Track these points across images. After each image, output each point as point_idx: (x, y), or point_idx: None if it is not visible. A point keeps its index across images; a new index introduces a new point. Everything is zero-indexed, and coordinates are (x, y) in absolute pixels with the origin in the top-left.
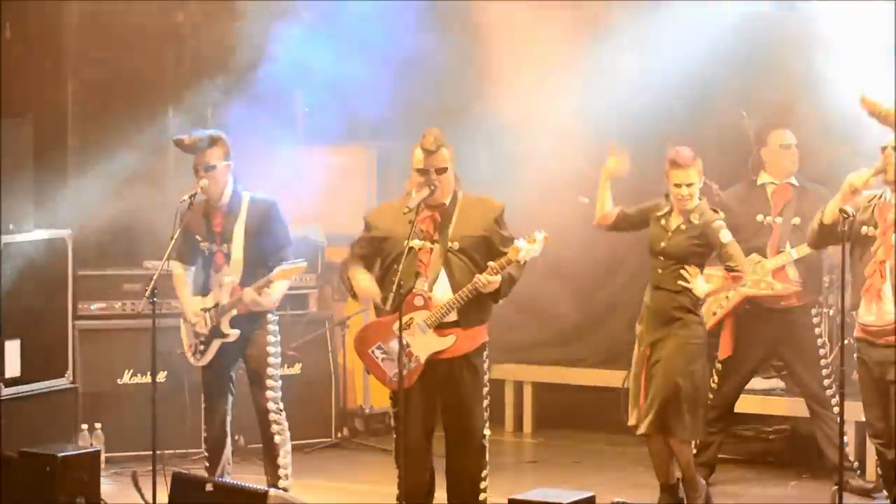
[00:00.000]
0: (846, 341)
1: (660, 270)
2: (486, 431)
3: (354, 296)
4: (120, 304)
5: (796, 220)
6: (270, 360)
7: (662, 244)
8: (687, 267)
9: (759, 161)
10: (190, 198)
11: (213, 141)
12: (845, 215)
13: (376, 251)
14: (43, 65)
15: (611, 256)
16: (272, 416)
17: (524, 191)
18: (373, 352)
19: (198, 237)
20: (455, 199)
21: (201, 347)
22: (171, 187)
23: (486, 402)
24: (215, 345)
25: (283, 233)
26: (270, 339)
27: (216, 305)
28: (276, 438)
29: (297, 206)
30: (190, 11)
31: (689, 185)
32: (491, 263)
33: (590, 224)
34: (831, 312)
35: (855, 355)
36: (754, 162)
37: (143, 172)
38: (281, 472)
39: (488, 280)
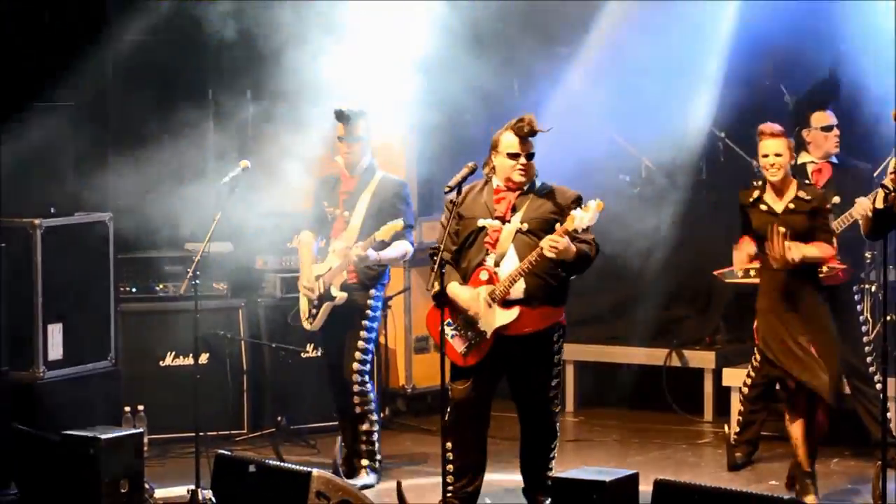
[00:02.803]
0: (888, 318)
1: None
2: (556, 409)
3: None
4: (162, 286)
5: (836, 199)
6: (363, 333)
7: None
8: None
9: (801, 141)
10: (231, 179)
11: (361, 115)
12: (887, 190)
13: (460, 228)
14: (83, 49)
15: (651, 234)
16: (355, 388)
17: (562, 170)
18: (445, 327)
19: (325, 203)
20: (533, 186)
21: (314, 311)
22: (212, 169)
23: (555, 382)
24: (326, 308)
25: (405, 213)
26: (367, 311)
27: (329, 270)
28: (359, 409)
29: None
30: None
31: (777, 156)
32: (556, 229)
33: (629, 201)
34: (873, 289)
35: None
36: (795, 141)
37: (183, 155)
38: (366, 443)
39: (550, 243)
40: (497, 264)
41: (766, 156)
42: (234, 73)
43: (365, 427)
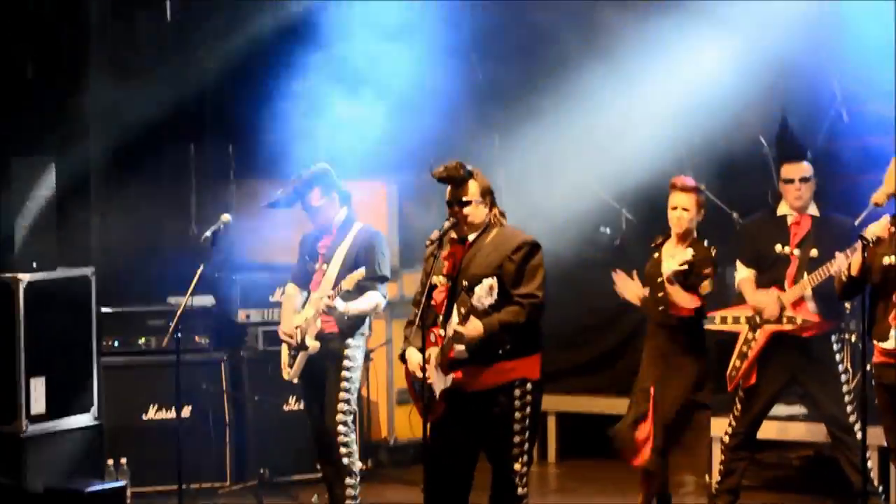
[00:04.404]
0: (868, 367)
1: None
2: (517, 467)
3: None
4: (144, 339)
5: (814, 253)
6: (343, 383)
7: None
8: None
9: (778, 191)
10: (213, 233)
11: (321, 175)
12: (865, 241)
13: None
14: (65, 103)
15: None
16: (341, 438)
17: (545, 222)
18: (413, 384)
19: (307, 257)
20: (484, 235)
21: (291, 362)
22: (195, 222)
23: (517, 439)
24: (301, 358)
25: (378, 263)
26: (346, 361)
27: (305, 320)
28: (345, 461)
29: None
30: (208, 51)
31: (684, 210)
32: (462, 309)
33: (610, 254)
34: (853, 339)
35: (873, 381)
36: (775, 192)
37: (165, 209)
38: (348, 497)
39: (455, 330)
40: (443, 325)
41: (674, 208)
42: (217, 127)
43: (350, 480)
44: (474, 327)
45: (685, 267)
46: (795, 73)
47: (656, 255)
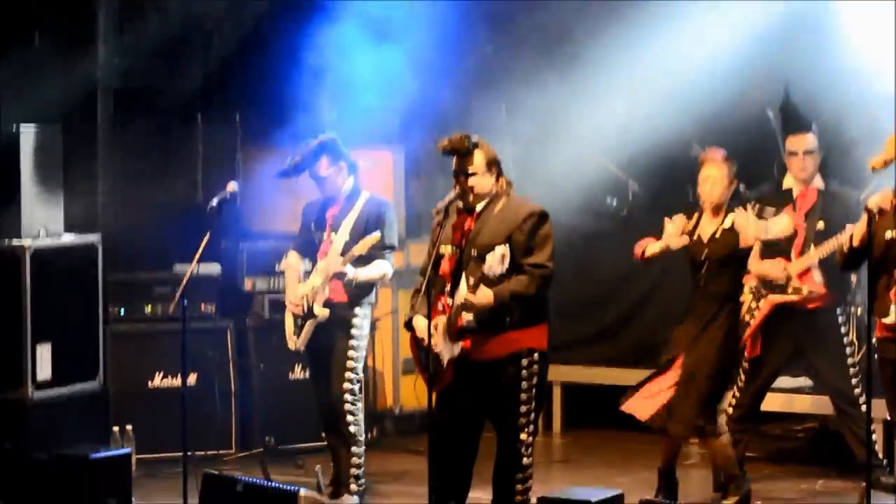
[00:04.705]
0: (873, 340)
1: None
2: (523, 437)
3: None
4: (150, 307)
5: (820, 225)
6: (350, 352)
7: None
8: None
9: (784, 164)
10: (219, 201)
11: (329, 145)
12: (870, 214)
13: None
14: (72, 71)
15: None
16: (347, 407)
17: (551, 193)
18: (418, 352)
19: (312, 226)
20: (492, 204)
21: (297, 331)
22: (201, 190)
23: (524, 409)
24: (309, 326)
25: (386, 233)
26: (353, 330)
27: (312, 289)
28: (352, 429)
29: None
30: (215, 18)
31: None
32: (471, 278)
33: (616, 225)
34: (859, 311)
35: (876, 356)
36: (781, 164)
37: (171, 177)
38: (353, 466)
39: (466, 299)
40: (451, 294)
41: (705, 180)
42: (223, 96)
43: (356, 449)
44: (485, 295)
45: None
46: (802, 47)
47: (695, 235)
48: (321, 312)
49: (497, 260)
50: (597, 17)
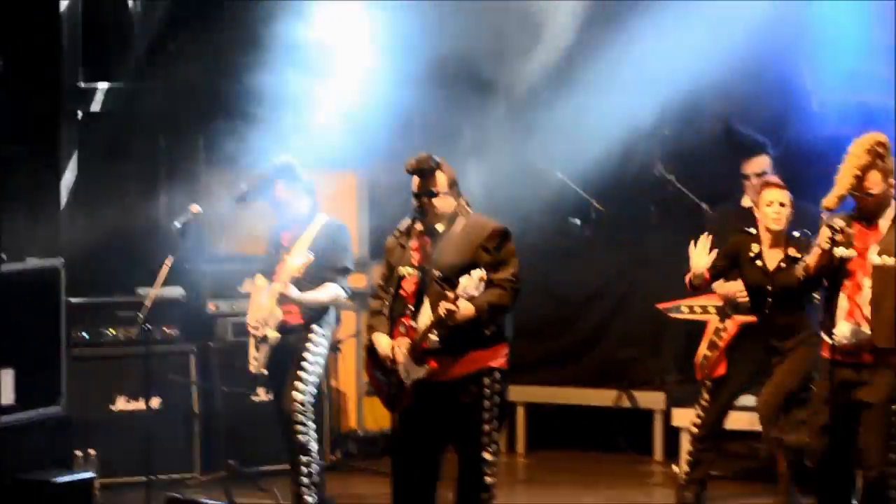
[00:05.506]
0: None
1: None
2: (486, 456)
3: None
4: (113, 330)
5: None
6: (301, 373)
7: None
8: None
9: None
10: (182, 224)
11: (277, 174)
12: (833, 230)
13: (390, 276)
14: (36, 95)
15: (601, 277)
16: (297, 418)
17: (515, 213)
18: (376, 374)
19: (272, 249)
20: (452, 225)
21: (256, 354)
22: (163, 214)
23: (486, 427)
24: (263, 350)
25: (340, 256)
26: (308, 349)
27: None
28: (301, 438)
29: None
30: (178, 42)
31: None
32: (449, 294)
33: (580, 245)
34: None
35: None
36: (740, 184)
37: (135, 200)
38: (304, 475)
39: (447, 309)
40: (413, 317)
41: (769, 204)
42: (186, 118)
43: (305, 458)
44: (466, 307)
45: None
46: (766, 64)
47: (759, 262)
48: (271, 336)
49: (473, 283)
50: (560, 40)
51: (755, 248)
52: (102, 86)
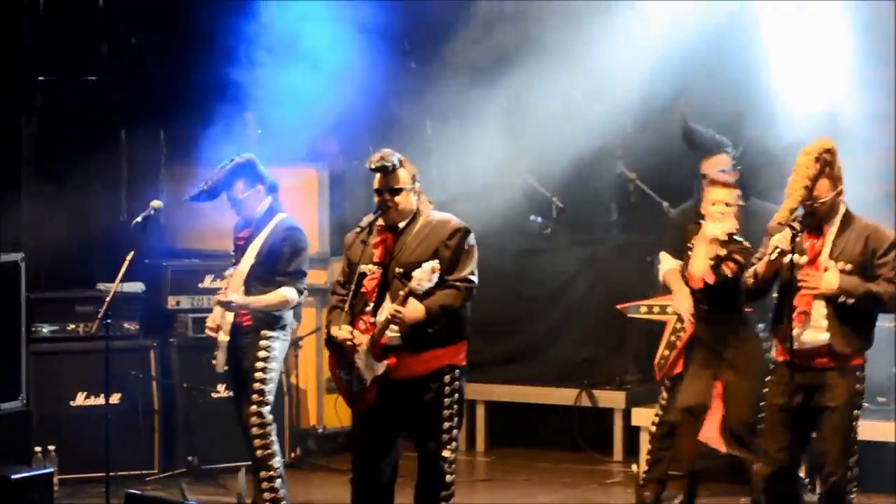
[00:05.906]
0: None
1: None
2: (446, 454)
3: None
4: (73, 325)
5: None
6: (257, 374)
7: None
8: None
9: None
10: (143, 219)
11: (236, 173)
12: (794, 231)
13: (350, 273)
14: None
15: (562, 276)
16: (254, 431)
17: (476, 210)
18: (339, 372)
19: (231, 250)
20: (413, 222)
21: (217, 353)
22: (125, 209)
23: (447, 425)
24: (219, 352)
25: (292, 259)
26: (261, 353)
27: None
28: (258, 452)
29: None
30: (140, 37)
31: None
32: (400, 292)
33: (541, 243)
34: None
35: (768, 378)
36: (699, 183)
37: (96, 195)
38: (266, 490)
39: (397, 311)
40: (373, 313)
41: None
42: (148, 113)
43: (265, 473)
44: (415, 309)
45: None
46: (727, 64)
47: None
48: (221, 339)
49: (426, 274)
50: (522, 39)
51: (693, 242)
52: (63, 80)
